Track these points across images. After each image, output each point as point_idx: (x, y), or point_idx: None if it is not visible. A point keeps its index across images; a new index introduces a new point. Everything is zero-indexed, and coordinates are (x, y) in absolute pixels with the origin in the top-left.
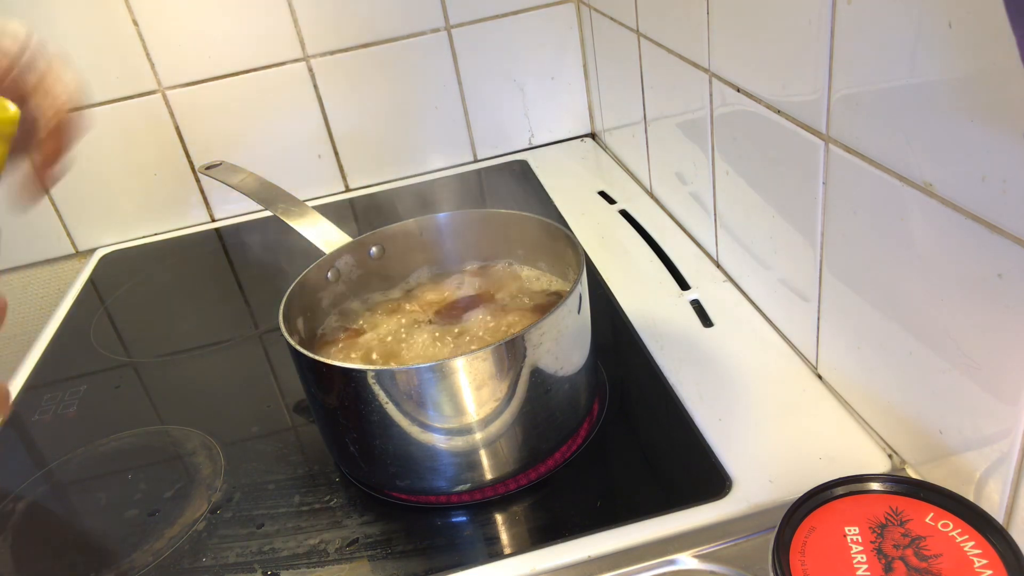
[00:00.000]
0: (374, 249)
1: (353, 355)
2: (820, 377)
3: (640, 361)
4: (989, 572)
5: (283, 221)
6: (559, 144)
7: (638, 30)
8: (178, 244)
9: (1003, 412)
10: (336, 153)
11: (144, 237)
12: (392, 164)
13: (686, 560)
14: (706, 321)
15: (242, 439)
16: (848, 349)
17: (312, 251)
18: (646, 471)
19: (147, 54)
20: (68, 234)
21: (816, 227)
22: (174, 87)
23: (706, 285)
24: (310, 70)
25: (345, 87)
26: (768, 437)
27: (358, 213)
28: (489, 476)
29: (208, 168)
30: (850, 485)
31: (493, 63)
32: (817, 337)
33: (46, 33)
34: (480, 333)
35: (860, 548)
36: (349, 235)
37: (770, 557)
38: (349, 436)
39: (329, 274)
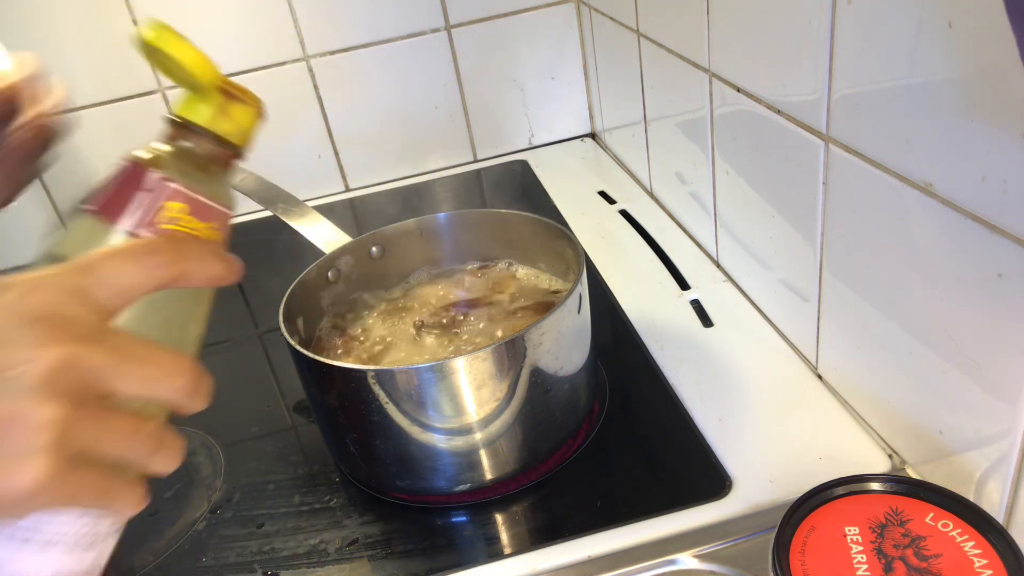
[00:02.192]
0: (374, 249)
1: (353, 355)
2: (820, 377)
3: (640, 361)
4: (989, 572)
5: (283, 221)
6: (559, 144)
7: (638, 30)
8: None
9: (1003, 412)
10: (336, 153)
11: None
12: (392, 164)
13: (686, 560)
14: (706, 321)
15: (242, 439)
16: (848, 349)
17: (312, 251)
18: (646, 471)
19: None
20: None
21: (816, 227)
22: (174, 87)
23: (706, 285)
24: (310, 70)
25: (345, 87)
26: (768, 437)
27: (358, 213)
28: (489, 476)
29: None
30: (850, 485)
31: (493, 63)
32: (817, 337)
33: (46, 33)
34: (480, 333)
35: (860, 548)
36: (349, 235)
37: (770, 557)
38: (349, 436)
39: (329, 274)
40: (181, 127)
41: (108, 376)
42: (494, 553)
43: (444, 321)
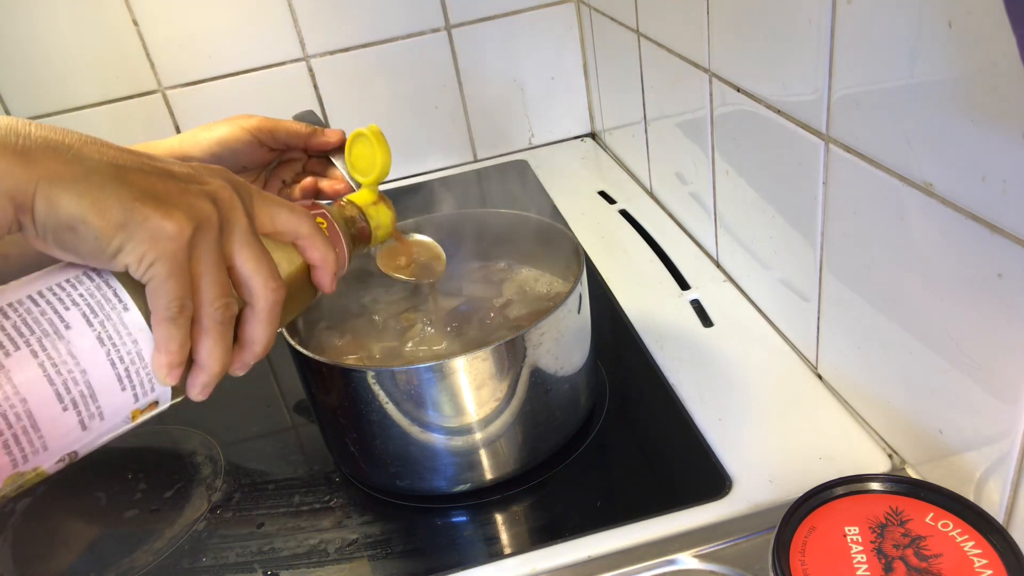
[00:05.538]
0: (374, 249)
1: (353, 355)
2: (820, 377)
3: (640, 361)
4: (989, 572)
5: None
6: (559, 144)
7: (638, 30)
8: None
9: (1003, 412)
10: None
11: None
12: (392, 164)
13: (686, 560)
14: (706, 321)
15: (242, 439)
16: (848, 349)
17: None
18: (646, 471)
19: (147, 54)
20: None
21: (816, 227)
22: (174, 87)
23: (706, 285)
24: (310, 70)
25: (345, 87)
26: (768, 437)
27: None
28: (489, 476)
29: None
30: (850, 485)
31: (493, 63)
32: (817, 337)
33: (47, 33)
34: (480, 333)
35: (860, 548)
36: None
37: (770, 557)
38: (349, 436)
39: None
40: (346, 202)
41: (240, 237)
42: (494, 553)
43: (444, 321)
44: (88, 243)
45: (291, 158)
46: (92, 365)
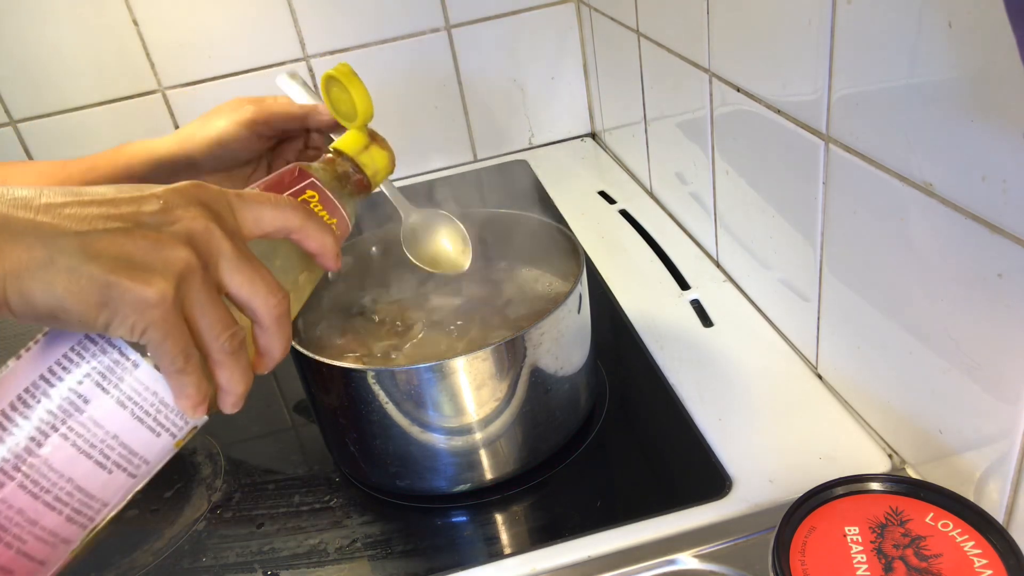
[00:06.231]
0: (374, 249)
1: (353, 355)
2: (820, 377)
3: (640, 361)
4: (989, 572)
5: None
6: (559, 144)
7: (638, 30)
8: None
9: (1003, 412)
10: None
11: None
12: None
13: (686, 560)
14: (706, 321)
15: (242, 439)
16: (848, 349)
17: None
18: (646, 471)
19: (147, 54)
20: None
21: (816, 227)
22: (174, 87)
23: (706, 285)
24: (310, 70)
25: None
26: (768, 437)
27: (358, 213)
28: (489, 476)
29: None
30: (850, 485)
31: (493, 63)
32: (817, 337)
33: (47, 33)
34: (480, 333)
35: (860, 548)
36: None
37: (770, 557)
38: (349, 436)
39: (329, 274)
40: (335, 154)
41: (227, 264)
42: (494, 553)
43: (444, 321)
44: (74, 325)
45: (291, 136)
46: (122, 429)
